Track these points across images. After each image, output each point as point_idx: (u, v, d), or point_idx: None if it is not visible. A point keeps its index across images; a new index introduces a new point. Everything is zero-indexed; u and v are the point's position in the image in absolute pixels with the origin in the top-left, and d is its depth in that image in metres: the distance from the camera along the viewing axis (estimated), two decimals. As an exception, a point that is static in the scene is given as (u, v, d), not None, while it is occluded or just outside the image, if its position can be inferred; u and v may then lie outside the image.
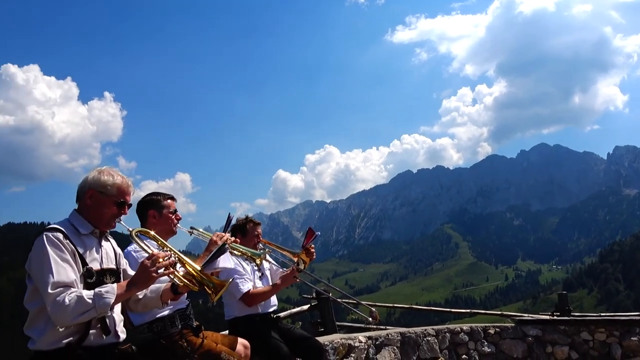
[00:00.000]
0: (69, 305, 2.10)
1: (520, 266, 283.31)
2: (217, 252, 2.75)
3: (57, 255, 2.20)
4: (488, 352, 6.34)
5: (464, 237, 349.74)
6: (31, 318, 2.24)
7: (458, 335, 6.30)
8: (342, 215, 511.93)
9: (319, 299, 7.53)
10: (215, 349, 2.97)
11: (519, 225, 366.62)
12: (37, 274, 2.18)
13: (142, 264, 2.28)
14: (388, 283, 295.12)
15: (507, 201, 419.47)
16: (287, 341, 4.02)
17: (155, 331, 2.94)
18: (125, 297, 2.31)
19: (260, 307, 4.09)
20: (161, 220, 3.15)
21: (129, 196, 2.54)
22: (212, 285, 2.41)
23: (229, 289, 4.08)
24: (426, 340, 6.02)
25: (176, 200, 3.29)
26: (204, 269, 2.56)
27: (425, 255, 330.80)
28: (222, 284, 2.41)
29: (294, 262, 4.24)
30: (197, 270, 2.45)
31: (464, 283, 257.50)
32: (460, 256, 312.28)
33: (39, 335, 2.19)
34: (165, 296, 2.61)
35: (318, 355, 4.14)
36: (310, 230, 4.32)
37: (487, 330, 6.47)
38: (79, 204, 2.49)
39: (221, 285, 2.41)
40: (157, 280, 2.36)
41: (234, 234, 4.25)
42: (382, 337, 5.70)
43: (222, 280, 2.46)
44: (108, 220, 2.47)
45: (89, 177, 2.48)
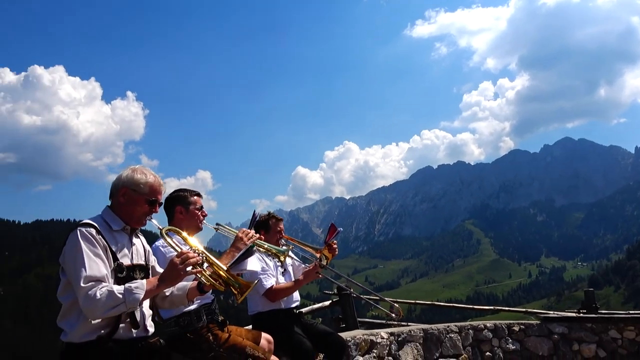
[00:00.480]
0: (100, 299, 2.14)
1: (544, 263, 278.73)
2: (244, 254, 2.78)
3: (90, 250, 2.25)
4: (513, 350, 6.27)
5: (486, 233, 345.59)
6: (64, 311, 2.31)
7: (482, 332, 6.24)
8: (361, 212, 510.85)
9: (340, 295, 7.53)
10: (241, 343, 3.01)
11: (542, 221, 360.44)
12: (70, 268, 2.24)
13: (172, 261, 2.33)
14: (408, 279, 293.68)
15: (530, 196, 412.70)
16: (310, 336, 4.04)
17: (182, 325, 3.00)
18: (154, 293, 2.35)
19: (283, 302, 4.12)
20: (188, 216, 3.20)
21: (160, 195, 2.60)
22: (238, 286, 2.45)
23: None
24: (449, 337, 5.98)
25: (202, 197, 3.33)
26: (230, 270, 2.59)
27: (446, 251, 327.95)
28: (248, 285, 2.44)
29: (316, 258, 4.25)
30: (223, 270, 2.48)
31: (486, 280, 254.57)
32: (482, 253, 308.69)
33: (71, 327, 2.25)
34: (191, 294, 2.65)
35: (341, 351, 4.15)
36: (333, 226, 4.32)
37: (512, 327, 6.39)
38: (112, 200, 2.55)
39: (247, 286, 2.44)
40: (184, 278, 2.40)
41: (257, 230, 4.28)
42: (404, 333, 5.68)
43: (248, 281, 2.48)
44: (139, 217, 2.52)
45: (122, 175, 2.54)
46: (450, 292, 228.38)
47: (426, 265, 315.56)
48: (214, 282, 2.44)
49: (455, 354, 5.94)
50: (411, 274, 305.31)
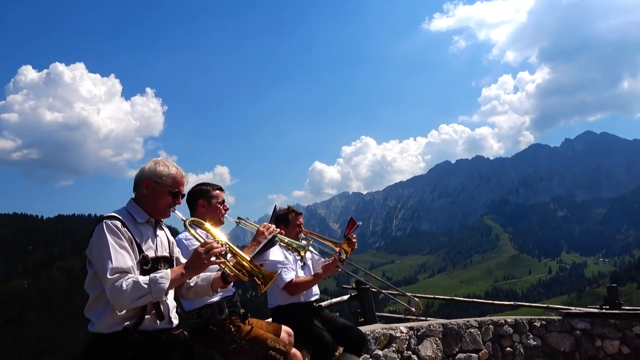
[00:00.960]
0: (127, 290, 2.18)
1: (564, 259, 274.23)
2: (267, 244, 2.79)
3: (116, 242, 2.29)
4: (534, 345, 6.20)
5: (505, 228, 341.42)
6: (91, 302, 2.35)
7: (502, 328, 6.18)
8: (378, 207, 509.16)
9: (359, 289, 7.54)
10: (262, 336, 3.04)
11: (563, 216, 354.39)
12: (97, 260, 2.28)
13: (196, 251, 2.35)
14: (426, 275, 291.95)
15: (551, 191, 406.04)
16: (329, 330, 4.05)
17: (204, 317, 3.04)
18: (178, 283, 2.39)
19: (303, 296, 4.14)
20: (210, 209, 3.23)
21: (183, 186, 2.62)
22: (261, 276, 2.46)
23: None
24: (469, 331, 5.94)
25: (224, 191, 3.37)
26: (253, 260, 2.60)
27: (464, 247, 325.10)
28: (271, 275, 2.46)
29: (335, 252, 4.26)
30: (247, 261, 2.50)
31: (505, 276, 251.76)
32: (501, 248, 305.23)
33: (98, 318, 2.30)
34: (215, 285, 2.67)
35: (360, 344, 4.16)
36: (352, 220, 4.33)
37: (533, 322, 6.32)
38: (136, 193, 2.58)
39: (270, 276, 2.45)
40: (208, 268, 2.42)
41: (277, 224, 4.30)
42: (423, 328, 5.66)
43: (271, 272, 2.50)
44: (163, 209, 2.55)
45: (145, 168, 2.57)
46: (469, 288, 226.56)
47: (444, 260, 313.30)
48: (238, 272, 2.46)
49: (475, 349, 5.89)
50: (429, 269, 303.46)
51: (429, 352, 5.52)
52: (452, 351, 5.74)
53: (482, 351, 5.92)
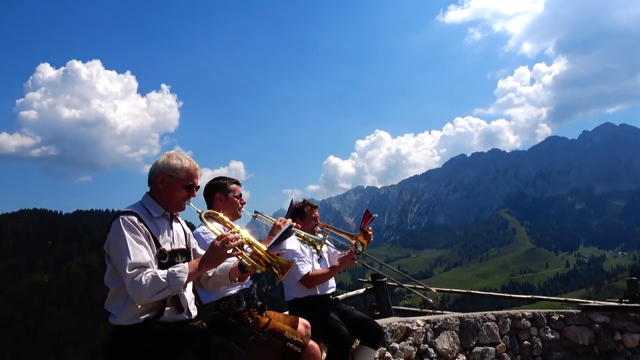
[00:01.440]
0: (146, 285, 2.21)
1: (582, 252, 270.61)
2: (284, 234, 2.79)
3: (133, 237, 2.32)
4: (552, 339, 6.14)
5: (522, 222, 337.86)
6: (111, 295, 2.39)
7: (520, 321, 6.14)
8: (393, 201, 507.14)
9: (375, 282, 7.54)
10: (280, 328, 3.06)
11: (581, 209, 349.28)
12: (115, 256, 2.31)
13: (213, 244, 2.36)
14: (442, 269, 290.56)
15: (569, 184, 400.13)
16: (346, 322, 4.06)
17: (223, 309, 3.07)
18: (196, 276, 2.41)
19: (319, 289, 4.15)
20: (227, 203, 3.26)
21: (197, 179, 2.62)
22: (279, 266, 2.46)
23: (290, 272, 4.18)
24: (486, 325, 5.90)
25: (241, 185, 3.39)
26: (270, 250, 2.62)
27: (480, 240, 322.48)
28: (289, 264, 2.46)
29: (351, 245, 4.27)
30: (263, 251, 2.50)
31: (522, 269, 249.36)
32: (518, 242, 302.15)
33: (119, 311, 2.33)
34: (233, 274, 2.68)
35: (377, 337, 4.17)
36: (368, 213, 4.33)
37: (551, 316, 6.26)
38: (150, 187, 2.60)
39: (287, 265, 2.46)
40: (225, 259, 2.44)
41: (293, 217, 4.32)
42: (440, 321, 5.64)
43: (289, 261, 2.51)
44: (178, 202, 2.57)
45: (159, 162, 2.58)
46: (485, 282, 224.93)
47: (460, 254, 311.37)
48: (255, 262, 2.47)
49: (493, 343, 5.86)
50: (444, 263, 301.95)
51: (445, 345, 5.51)
52: (469, 344, 5.72)
53: (500, 345, 5.89)
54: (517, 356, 5.98)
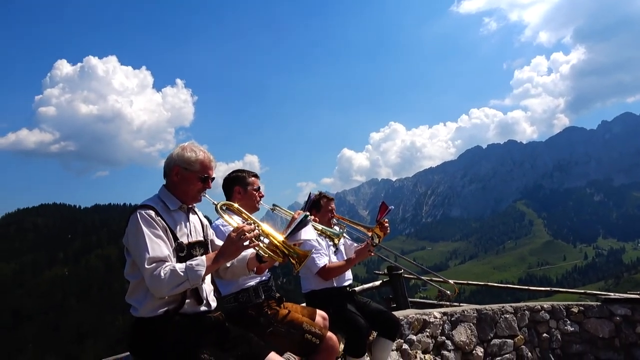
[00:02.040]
0: (165, 279, 2.23)
1: (601, 244, 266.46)
2: (300, 224, 2.80)
3: (151, 232, 2.33)
4: (571, 331, 6.09)
5: (539, 214, 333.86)
6: (132, 288, 2.42)
7: (538, 314, 6.09)
8: (408, 194, 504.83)
9: (391, 275, 7.52)
10: (298, 319, 3.08)
11: (599, 201, 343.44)
12: (134, 250, 2.33)
13: (229, 236, 2.37)
14: (457, 262, 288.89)
15: (587, 176, 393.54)
16: (363, 314, 4.06)
17: (241, 301, 3.09)
18: (214, 268, 2.42)
19: (336, 281, 4.15)
20: (245, 196, 3.28)
21: (212, 170, 2.61)
22: (295, 255, 2.47)
23: (306, 264, 4.20)
24: (504, 317, 5.87)
25: (260, 178, 3.39)
26: (287, 240, 2.62)
27: (496, 233, 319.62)
28: (306, 254, 2.46)
29: (368, 237, 4.26)
30: (280, 242, 2.51)
31: (539, 262, 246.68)
32: (535, 234, 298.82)
33: (139, 304, 2.36)
34: (251, 264, 2.70)
35: (394, 329, 4.17)
36: (384, 204, 4.31)
37: (570, 308, 6.20)
38: (166, 180, 2.60)
39: (304, 255, 2.46)
40: (242, 251, 2.45)
41: (310, 210, 4.33)
42: (457, 313, 5.63)
43: (306, 250, 2.51)
44: (194, 194, 2.57)
45: (173, 155, 2.58)
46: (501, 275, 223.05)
47: (475, 247, 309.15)
48: (272, 253, 2.47)
49: (511, 335, 5.83)
50: (460, 256, 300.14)
51: (463, 337, 5.49)
52: (486, 337, 5.70)
53: (518, 337, 5.85)
54: (535, 349, 5.94)
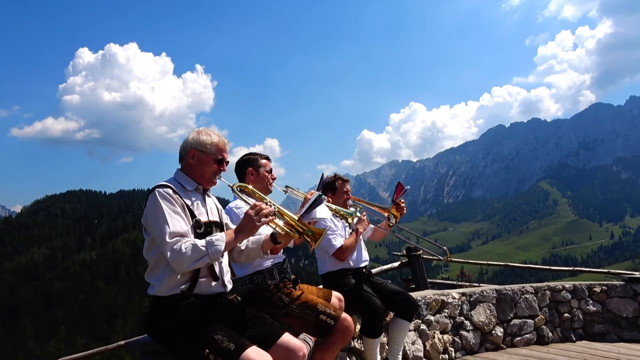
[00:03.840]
0: (186, 253, 2.27)
1: (628, 223, 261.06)
2: (314, 203, 2.82)
3: (170, 208, 2.39)
4: (593, 311, 5.99)
5: (564, 193, 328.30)
6: (151, 267, 2.48)
7: (559, 293, 6.00)
8: (429, 174, 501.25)
9: (410, 255, 7.51)
10: (313, 300, 3.10)
11: (627, 179, 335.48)
12: (154, 226, 2.38)
13: (246, 213, 2.43)
14: (480, 242, 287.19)
15: (614, 153, 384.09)
16: (380, 295, 4.07)
17: (256, 283, 3.13)
18: (233, 245, 2.47)
19: (352, 262, 4.16)
20: (258, 178, 3.29)
21: (226, 153, 2.68)
22: (310, 234, 2.51)
23: (322, 245, 4.21)
24: (524, 297, 5.81)
25: (271, 160, 3.41)
26: (302, 218, 2.65)
27: (519, 213, 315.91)
28: (320, 232, 2.50)
29: (384, 217, 4.25)
30: (294, 220, 2.55)
31: (564, 242, 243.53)
32: (559, 213, 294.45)
33: (158, 282, 2.42)
34: (265, 246, 2.73)
35: (411, 309, 4.17)
36: (400, 185, 4.29)
37: (593, 288, 6.09)
38: (182, 163, 2.67)
39: (319, 233, 2.50)
40: (259, 230, 2.49)
41: (324, 191, 4.32)
42: (476, 293, 5.59)
43: (321, 229, 2.54)
44: (210, 177, 2.63)
45: (189, 138, 2.65)
46: (525, 255, 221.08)
47: (498, 227, 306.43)
48: (288, 230, 2.52)
49: (531, 315, 5.77)
50: (482, 236, 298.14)
51: (482, 317, 5.46)
52: (506, 317, 5.65)
53: (539, 317, 5.79)
54: (556, 329, 5.88)
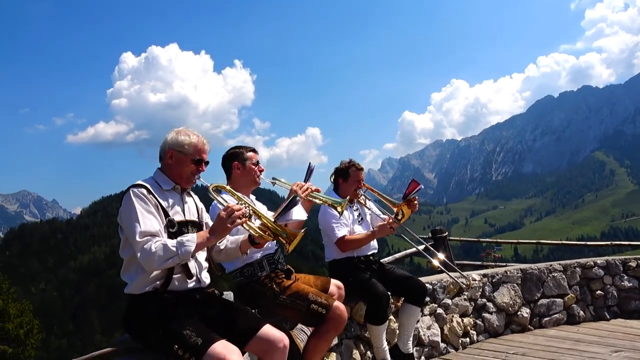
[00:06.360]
0: (156, 252, 2.29)
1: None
2: (289, 204, 2.78)
3: (143, 207, 2.41)
4: (629, 287, 5.68)
5: (621, 162, 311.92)
6: (125, 265, 2.52)
7: (591, 270, 5.72)
8: (475, 152, 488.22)
9: (435, 238, 7.37)
10: (304, 290, 3.07)
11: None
12: (127, 225, 2.41)
13: (219, 215, 2.42)
14: (533, 219, 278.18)
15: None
16: (388, 281, 4.01)
17: (247, 275, 3.14)
18: (205, 246, 2.47)
19: (357, 250, 4.10)
20: (245, 171, 3.27)
21: (205, 154, 2.67)
22: (285, 235, 2.48)
23: (327, 234, 4.18)
24: (552, 276, 5.57)
25: (258, 152, 3.37)
26: (277, 220, 2.63)
27: (574, 186, 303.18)
28: (295, 234, 2.47)
29: (392, 212, 4.14)
30: (270, 222, 2.53)
31: (624, 214, 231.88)
32: (617, 184, 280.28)
33: (131, 280, 2.46)
34: (244, 247, 2.75)
35: (420, 294, 4.08)
36: (414, 182, 4.16)
37: (628, 262, 5.77)
38: (161, 163, 2.68)
39: (294, 235, 2.47)
40: (233, 230, 2.48)
41: (336, 177, 4.27)
42: (499, 274, 5.41)
43: (295, 231, 2.51)
44: (188, 177, 2.64)
45: (167, 138, 2.65)
46: (582, 229, 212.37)
47: (552, 202, 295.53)
48: (262, 233, 2.51)
49: (560, 294, 5.53)
50: (535, 212, 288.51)
51: (505, 298, 5.29)
52: (533, 297, 5.44)
53: (568, 296, 5.54)
54: (589, 307, 5.62)
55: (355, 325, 4.01)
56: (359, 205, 4.36)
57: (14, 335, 19.79)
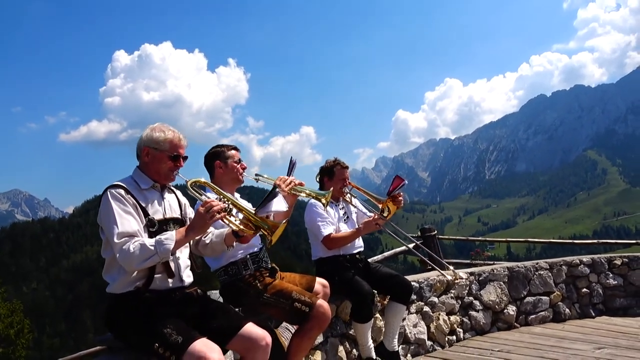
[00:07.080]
0: (134, 253, 2.29)
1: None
2: (269, 196, 2.79)
3: (121, 208, 2.40)
4: (614, 285, 5.75)
5: (613, 161, 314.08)
6: (106, 265, 2.51)
7: (577, 268, 5.78)
8: (468, 151, 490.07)
9: (424, 236, 7.40)
10: (287, 289, 3.08)
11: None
12: (106, 227, 2.42)
13: (197, 211, 2.41)
14: (525, 217, 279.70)
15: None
16: (373, 280, 4.03)
17: (231, 274, 3.14)
18: (184, 243, 2.47)
19: (344, 249, 4.11)
20: (227, 170, 3.27)
21: (182, 149, 2.64)
22: (267, 227, 2.48)
23: (313, 232, 4.19)
24: (538, 274, 5.62)
25: (240, 150, 3.37)
26: (257, 213, 2.62)
27: (566, 185, 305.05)
28: (276, 225, 2.47)
29: (377, 209, 4.16)
30: (251, 214, 2.52)
31: (615, 212, 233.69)
32: (609, 183, 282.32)
33: (113, 280, 2.46)
34: (228, 240, 2.72)
35: (406, 292, 4.11)
36: (398, 178, 4.16)
37: (613, 260, 5.84)
38: (139, 161, 2.66)
39: (275, 226, 2.47)
40: (214, 225, 2.48)
41: (322, 176, 4.28)
42: (486, 272, 5.45)
43: (276, 222, 2.51)
44: (166, 174, 2.62)
45: (142, 136, 2.63)
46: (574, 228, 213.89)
47: (545, 201, 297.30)
48: (243, 227, 2.50)
49: (546, 292, 5.58)
50: (528, 211, 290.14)
51: (492, 297, 5.33)
52: (519, 295, 5.49)
53: (554, 294, 5.60)
54: (574, 305, 5.67)
55: (341, 323, 4.03)
56: (344, 204, 4.37)
57: (4, 335, 19.64)
